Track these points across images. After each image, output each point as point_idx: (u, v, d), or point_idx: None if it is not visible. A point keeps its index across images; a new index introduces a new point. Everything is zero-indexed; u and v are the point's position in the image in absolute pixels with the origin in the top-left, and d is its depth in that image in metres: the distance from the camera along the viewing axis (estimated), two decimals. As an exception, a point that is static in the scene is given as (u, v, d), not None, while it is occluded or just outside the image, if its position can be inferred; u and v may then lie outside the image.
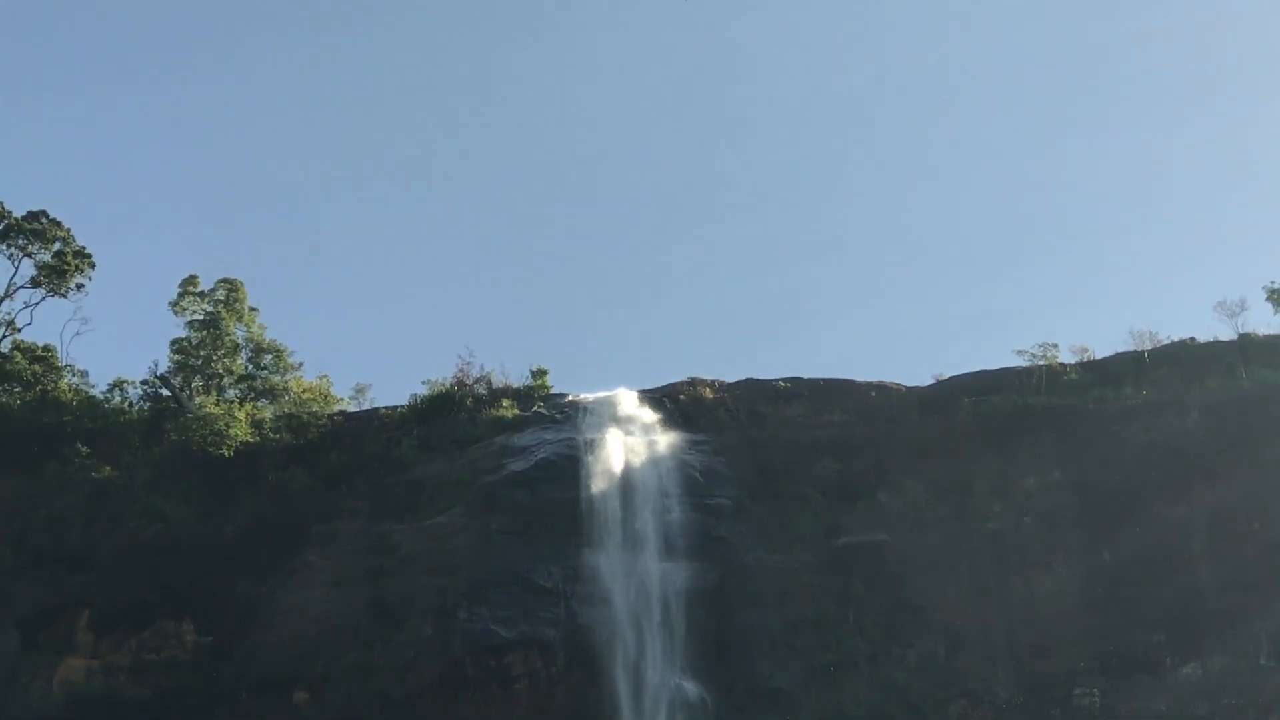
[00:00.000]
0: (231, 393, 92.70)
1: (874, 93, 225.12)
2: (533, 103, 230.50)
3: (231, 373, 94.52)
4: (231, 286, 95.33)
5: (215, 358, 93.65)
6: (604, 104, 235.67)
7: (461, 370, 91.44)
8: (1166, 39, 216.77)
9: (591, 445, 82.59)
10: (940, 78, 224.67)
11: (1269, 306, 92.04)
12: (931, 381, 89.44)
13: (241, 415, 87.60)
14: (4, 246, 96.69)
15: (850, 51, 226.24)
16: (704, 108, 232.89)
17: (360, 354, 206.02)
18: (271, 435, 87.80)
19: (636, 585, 76.08)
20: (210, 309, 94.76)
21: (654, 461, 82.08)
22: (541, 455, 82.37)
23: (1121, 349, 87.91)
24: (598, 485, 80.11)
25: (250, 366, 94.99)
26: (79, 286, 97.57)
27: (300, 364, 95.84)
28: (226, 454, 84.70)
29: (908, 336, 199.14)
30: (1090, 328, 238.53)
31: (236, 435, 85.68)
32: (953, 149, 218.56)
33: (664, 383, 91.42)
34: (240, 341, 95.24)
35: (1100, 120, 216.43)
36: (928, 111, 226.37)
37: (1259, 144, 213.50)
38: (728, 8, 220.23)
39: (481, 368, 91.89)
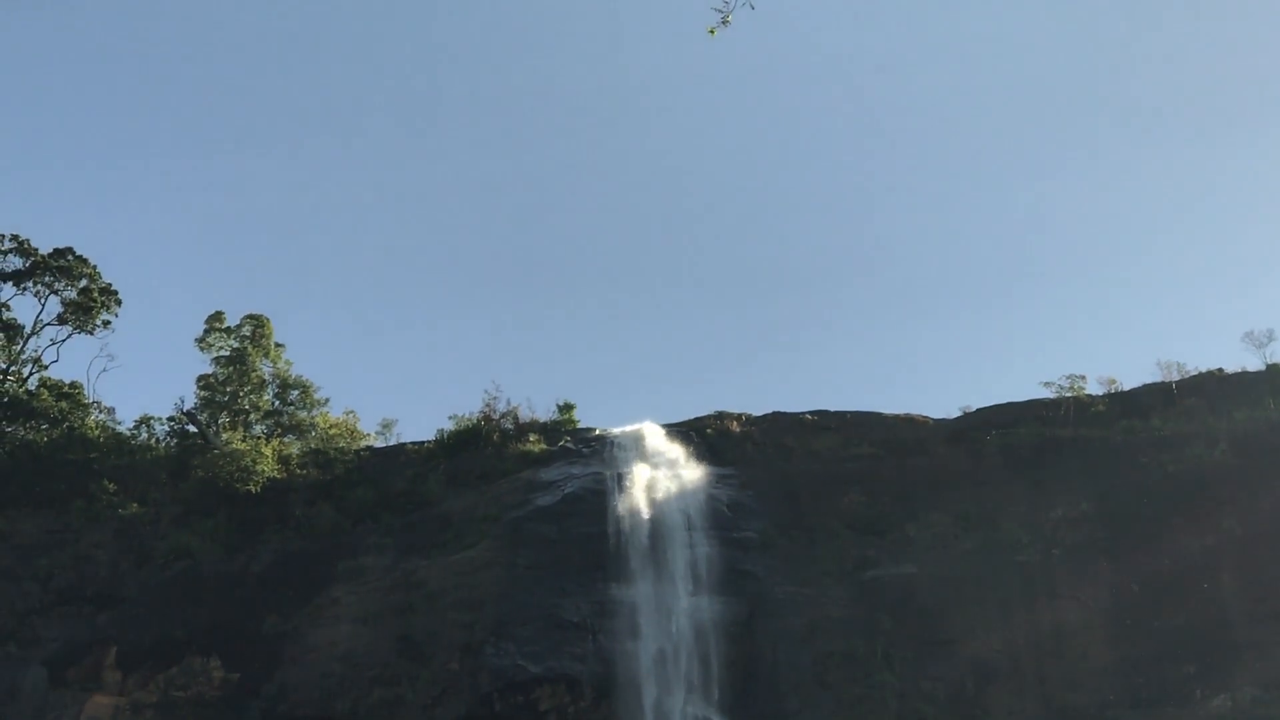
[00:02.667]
0: (258, 428, 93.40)
1: (897, 126, 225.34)
2: (558, 142, 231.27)
3: (258, 408, 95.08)
4: (258, 322, 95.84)
5: (242, 394, 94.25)
6: (628, 142, 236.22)
7: (488, 405, 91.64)
8: (1192, 65, 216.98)
9: (619, 479, 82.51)
10: (967, 108, 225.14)
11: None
12: (958, 414, 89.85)
13: (268, 451, 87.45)
14: (31, 284, 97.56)
15: (867, 85, 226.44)
16: (730, 144, 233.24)
17: (387, 389, 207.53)
18: (298, 471, 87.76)
19: (664, 620, 75.63)
20: (237, 345, 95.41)
21: (681, 495, 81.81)
22: (569, 490, 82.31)
23: (1149, 380, 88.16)
24: (625, 520, 79.90)
25: (277, 402, 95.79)
26: (105, 324, 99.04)
27: (327, 399, 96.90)
28: (253, 490, 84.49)
29: (934, 368, 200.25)
30: (1117, 359, 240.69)
31: (263, 471, 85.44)
32: (977, 180, 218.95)
33: (691, 416, 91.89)
34: (267, 377, 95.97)
35: (1125, 149, 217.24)
36: (955, 145, 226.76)
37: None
38: (748, 37, 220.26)
39: (508, 402, 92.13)
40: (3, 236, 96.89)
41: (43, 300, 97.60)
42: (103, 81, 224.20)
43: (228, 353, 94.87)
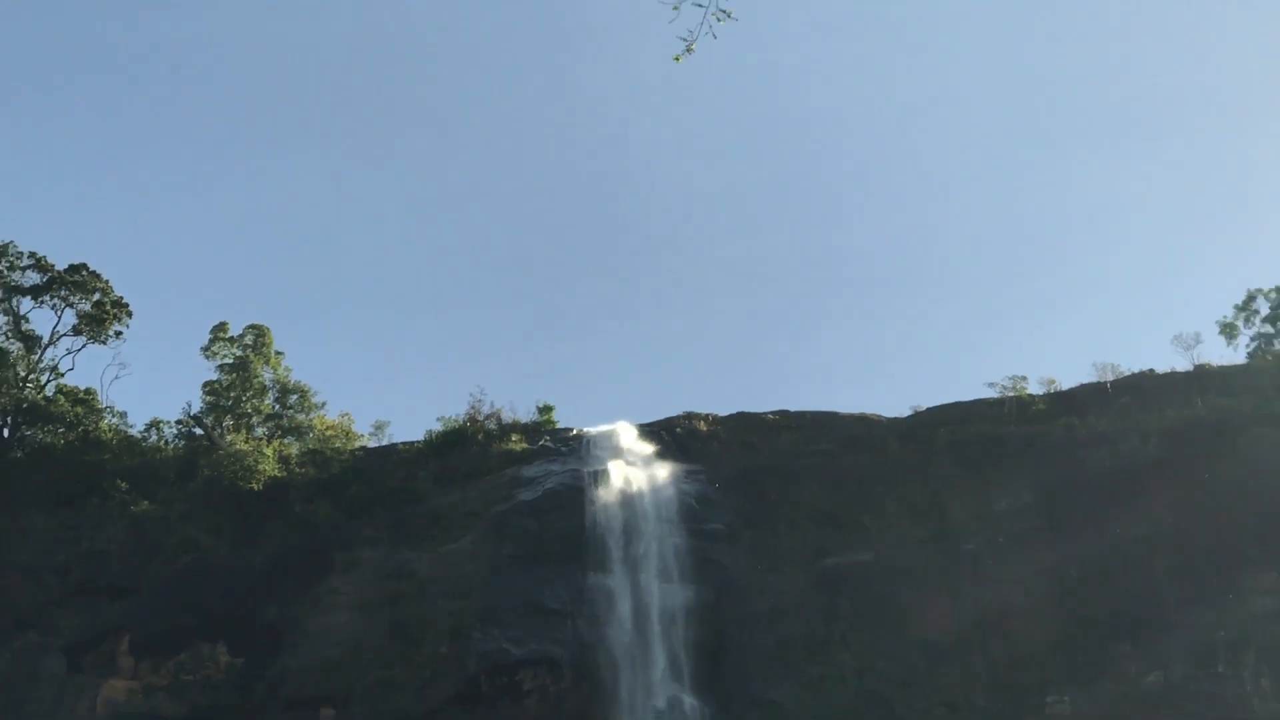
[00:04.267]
0: (260, 431, 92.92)
1: (850, 140, 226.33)
2: (537, 155, 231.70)
3: (260, 412, 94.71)
4: (259, 332, 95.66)
5: (244, 398, 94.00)
6: (604, 158, 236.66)
7: (473, 407, 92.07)
8: (1125, 83, 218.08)
9: (595, 476, 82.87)
10: (917, 122, 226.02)
11: (1221, 340, 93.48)
12: (909, 413, 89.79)
13: (269, 452, 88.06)
14: (47, 298, 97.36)
15: (826, 101, 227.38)
16: (700, 158, 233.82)
17: (379, 393, 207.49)
18: (297, 470, 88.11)
19: (638, 606, 76.68)
20: (239, 353, 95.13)
21: (653, 490, 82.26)
22: (548, 486, 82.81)
23: (1086, 380, 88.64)
24: (601, 513, 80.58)
25: (277, 406, 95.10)
26: (117, 334, 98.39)
27: (324, 403, 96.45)
28: (256, 488, 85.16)
29: (887, 370, 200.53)
30: (1056, 361, 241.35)
31: (265, 470, 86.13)
32: (926, 195, 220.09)
33: (661, 416, 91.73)
34: (267, 383, 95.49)
35: (1059, 166, 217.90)
36: (899, 158, 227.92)
37: (1211, 185, 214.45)
38: (728, 51, 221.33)
39: (492, 405, 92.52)
40: (21, 254, 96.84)
41: (59, 313, 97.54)
42: (111, 107, 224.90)
43: (231, 360, 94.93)
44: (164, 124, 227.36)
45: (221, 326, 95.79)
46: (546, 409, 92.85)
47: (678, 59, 19.11)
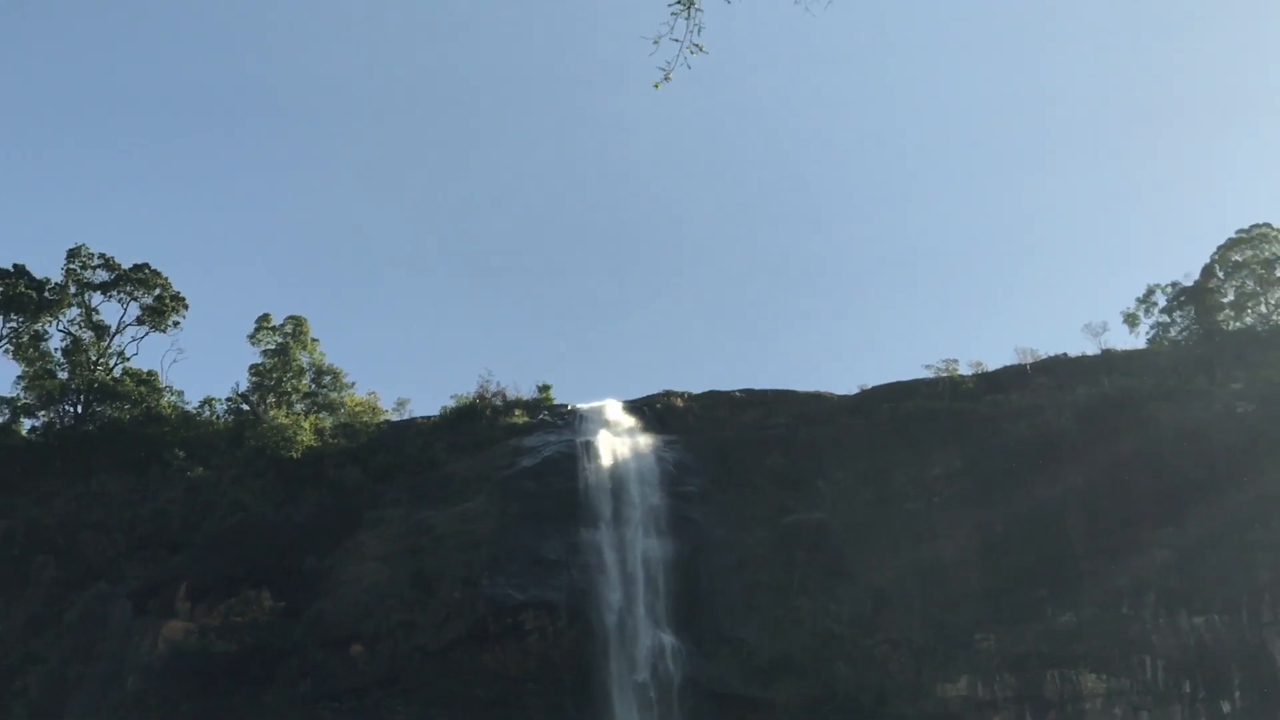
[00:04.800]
0: (298, 407, 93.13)
1: (815, 153, 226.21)
2: (541, 170, 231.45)
3: (298, 391, 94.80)
4: (297, 322, 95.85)
5: (285, 379, 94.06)
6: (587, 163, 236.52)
7: (482, 387, 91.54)
8: (1048, 108, 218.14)
9: (586, 446, 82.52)
10: (873, 139, 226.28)
11: (1125, 328, 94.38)
12: (857, 390, 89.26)
13: (306, 425, 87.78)
14: (115, 293, 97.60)
15: (794, 117, 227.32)
16: (679, 170, 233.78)
17: (401, 375, 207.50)
18: (330, 440, 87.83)
19: (624, 557, 76.13)
20: (280, 340, 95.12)
21: (636, 458, 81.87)
22: (546, 454, 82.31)
23: (1008, 363, 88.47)
24: (592, 478, 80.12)
25: (313, 385, 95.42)
26: (175, 324, 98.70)
27: (353, 383, 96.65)
28: (295, 456, 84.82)
29: (838, 353, 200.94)
30: (983, 346, 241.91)
31: (302, 441, 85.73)
32: (876, 205, 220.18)
33: (643, 394, 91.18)
34: (305, 366, 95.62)
35: (991, 180, 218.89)
36: (855, 173, 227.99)
37: (1118, 194, 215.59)
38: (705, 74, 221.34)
39: (497, 385, 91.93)
40: (92, 255, 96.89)
41: (125, 306, 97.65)
42: (170, 116, 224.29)
43: (273, 346, 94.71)
44: (211, 134, 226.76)
45: (265, 318, 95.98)
46: (545, 388, 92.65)
47: (657, 86, 18.75)
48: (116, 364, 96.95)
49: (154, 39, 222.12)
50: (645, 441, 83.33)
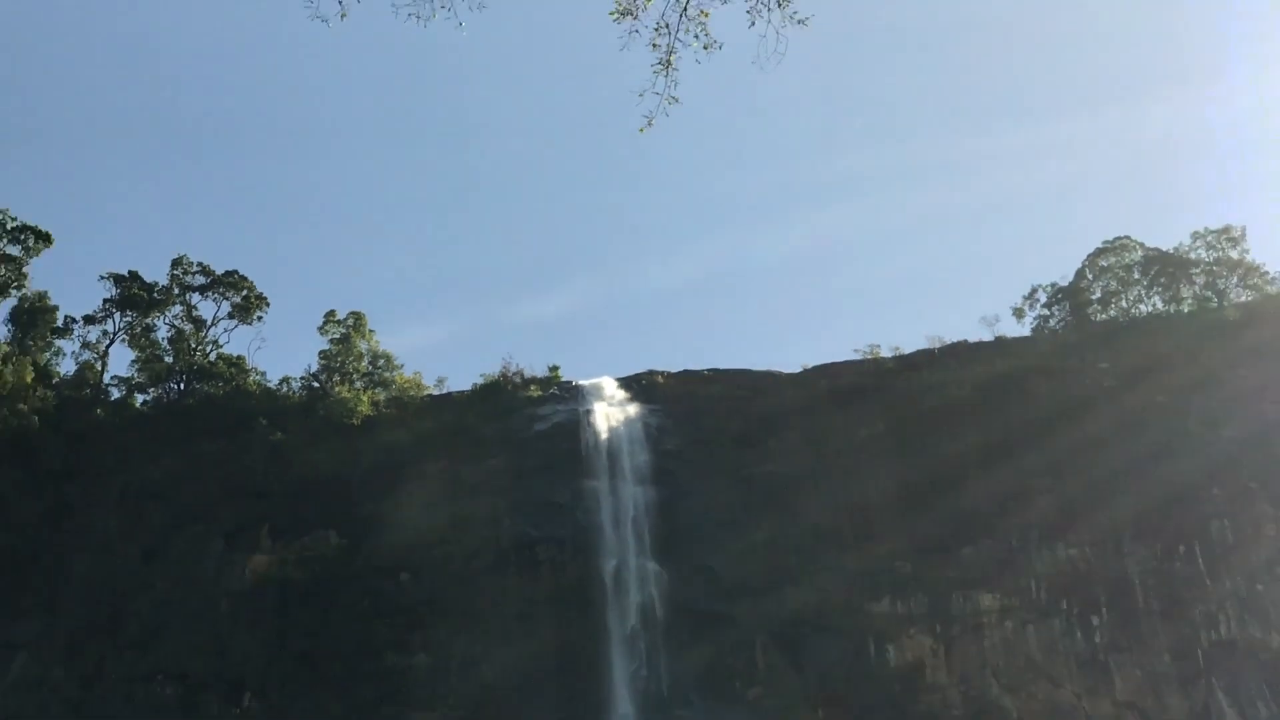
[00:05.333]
0: (358, 384, 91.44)
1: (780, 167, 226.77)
2: (546, 185, 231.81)
3: (358, 371, 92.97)
4: (357, 317, 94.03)
5: (347, 362, 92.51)
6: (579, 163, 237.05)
7: (505, 367, 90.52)
8: (943, 71, 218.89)
9: (587, 414, 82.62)
10: (806, 137, 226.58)
11: (1014, 319, 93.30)
12: (800, 369, 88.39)
13: (364, 399, 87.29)
14: (211, 293, 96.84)
15: (773, 129, 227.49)
16: (669, 176, 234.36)
17: (441, 356, 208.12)
18: (384, 411, 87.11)
19: (617, 502, 76.70)
20: (343, 331, 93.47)
21: (626, 423, 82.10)
22: (555, 420, 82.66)
23: (921, 347, 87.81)
24: (591, 439, 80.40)
25: (370, 367, 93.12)
26: (259, 318, 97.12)
27: (402, 364, 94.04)
28: (355, 423, 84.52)
29: (784, 338, 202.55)
30: (901, 333, 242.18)
31: (361, 411, 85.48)
32: (818, 215, 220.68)
33: (631, 372, 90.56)
34: (363, 351, 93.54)
35: (904, 186, 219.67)
36: (802, 190, 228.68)
37: (1005, 208, 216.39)
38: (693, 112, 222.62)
39: (516, 365, 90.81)
40: (192, 263, 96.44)
41: (218, 304, 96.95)
42: (261, 138, 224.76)
43: (338, 336, 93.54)
44: (289, 162, 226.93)
45: (331, 313, 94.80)
46: (554, 368, 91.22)
47: (642, 130, 18.38)
48: (212, 351, 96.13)
49: (222, 76, 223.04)
50: (633, 410, 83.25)
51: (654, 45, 17.38)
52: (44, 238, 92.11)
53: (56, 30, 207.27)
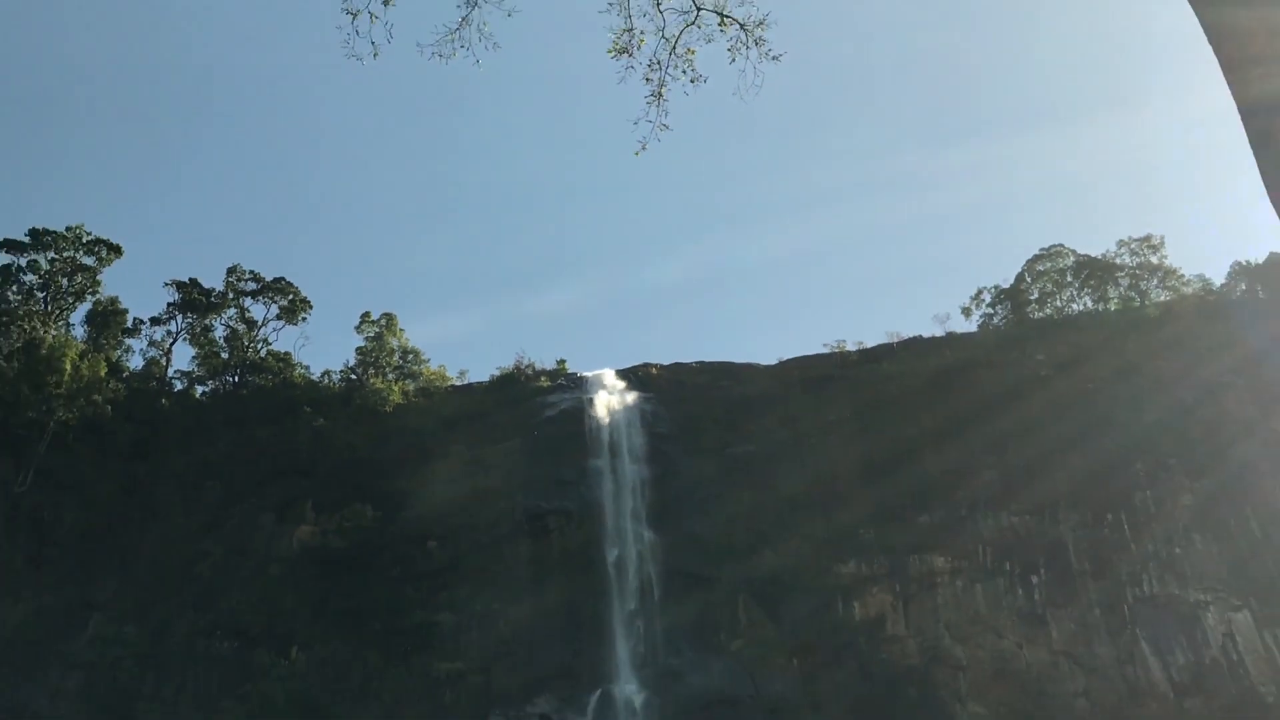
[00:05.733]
0: (390, 376, 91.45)
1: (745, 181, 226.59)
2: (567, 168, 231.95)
3: (390, 365, 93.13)
4: (389, 317, 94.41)
5: (381, 357, 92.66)
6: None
7: (518, 360, 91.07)
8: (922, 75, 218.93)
9: (590, 401, 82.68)
10: (765, 155, 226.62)
11: (962, 317, 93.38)
12: (776, 361, 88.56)
13: (396, 389, 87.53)
14: (261, 298, 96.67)
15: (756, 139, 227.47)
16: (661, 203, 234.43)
17: (462, 351, 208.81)
18: (413, 400, 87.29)
19: (617, 477, 76.63)
20: (377, 330, 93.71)
21: (624, 409, 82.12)
22: (563, 407, 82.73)
23: (881, 341, 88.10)
24: (594, 423, 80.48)
25: (400, 361, 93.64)
26: (303, 319, 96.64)
27: (428, 359, 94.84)
28: (388, 410, 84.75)
29: (763, 331, 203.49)
30: (864, 329, 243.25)
31: (393, 400, 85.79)
32: (787, 226, 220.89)
33: (628, 365, 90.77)
34: (394, 348, 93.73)
35: (866, 199, 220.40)
36: (761, 195, 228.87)
37: (956, 219, 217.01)
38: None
39: (528, 359, 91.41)
40: (245, 271, 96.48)
41: (268, 307, 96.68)
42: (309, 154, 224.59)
43: (372, 334, 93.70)
44: (322, 169, 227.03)
45: (367, 314, 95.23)
46: (561, 361, 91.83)
47: (637, 154, 18.05)
48: (262, 348, 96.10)
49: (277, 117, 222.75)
50: (630, 398, 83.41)
51: (647, 79, 17.33)
52: (115, 249, 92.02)
53: (127, 62, 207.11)
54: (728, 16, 17.07)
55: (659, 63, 17.29)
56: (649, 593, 70.95)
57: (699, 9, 17.08)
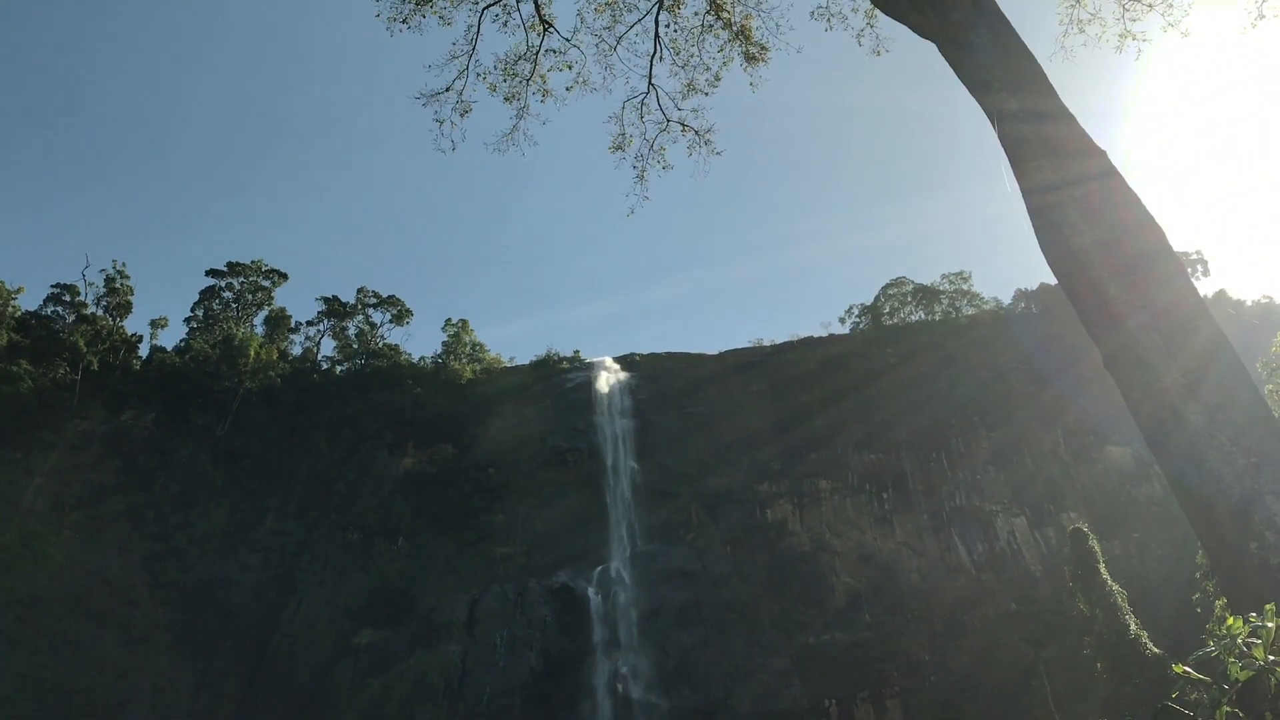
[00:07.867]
0: (464, 360, 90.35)
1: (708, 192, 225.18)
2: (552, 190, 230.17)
3: (464, 353, 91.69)
4: (464, 322, 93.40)
5: (458, 348, 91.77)
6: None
7: (549, 352, 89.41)
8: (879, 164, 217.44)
9: (595, 379, 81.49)
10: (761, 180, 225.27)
11: (839, 324, 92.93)
12: (718, 352, 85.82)
13: (467, 369, 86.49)
14: (379, 308, 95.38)
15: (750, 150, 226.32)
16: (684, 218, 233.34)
17: (513, 345, 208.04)
18: (479, 376, 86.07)
19: (614, 429, 75.72)
20: (455, 330, 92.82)
21: (618, 383, 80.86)
22: (577, 381, 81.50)
23: (787, 339, 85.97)
24: (599, 394, 79.35)
25: (471, 351, 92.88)
26: (407, 323, 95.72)
27: (490, 349, 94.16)
28: (462, 383, 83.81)
29: (711, 331, 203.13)
30: (776, 330, 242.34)
31: (466, 375, 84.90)
32: (750, 229, 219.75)
33: (622, 353, 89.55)
34: (467, 342, 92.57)
35: (772, 247, 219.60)
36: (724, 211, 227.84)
37: (837, 255, 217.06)
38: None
39: (555, 350, 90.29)
40: (370, 292, 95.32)
41: (384, 314, 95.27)
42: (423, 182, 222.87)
43: (452, 333, 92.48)
44: (414, 209, 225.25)
45: (449, 320, 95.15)
46: (577, 352, 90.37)
47: (628, 216, 17.68)
48: (379, 342, 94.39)
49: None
50: (622, 376, 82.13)
51: (634, 166, 17.37)
52: (283, 275, 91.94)
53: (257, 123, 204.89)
54: (687, 125, 17.17)
55: (642, 155, 17.32)
56: (632, 502, 70.65)
57: (669, 121, 17.22)
